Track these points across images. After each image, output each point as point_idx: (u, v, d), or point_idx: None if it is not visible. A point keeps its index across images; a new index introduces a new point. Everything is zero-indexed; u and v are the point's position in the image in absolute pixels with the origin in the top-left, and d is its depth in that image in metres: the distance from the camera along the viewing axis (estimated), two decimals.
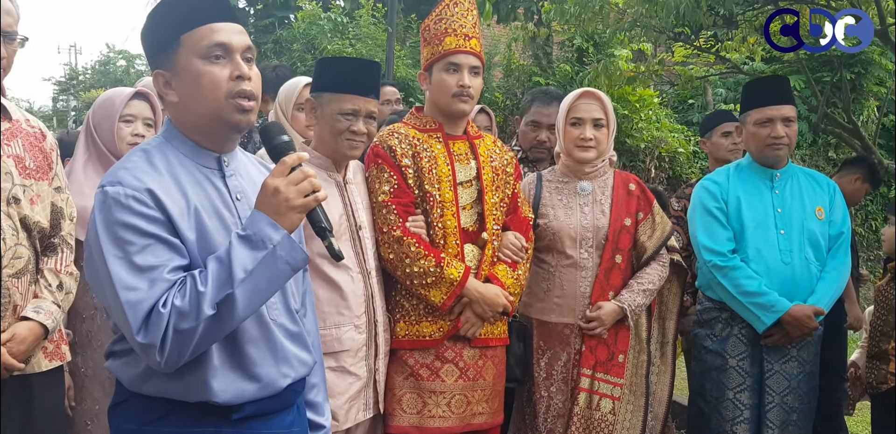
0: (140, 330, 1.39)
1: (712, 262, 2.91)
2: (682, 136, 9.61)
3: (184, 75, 1.54)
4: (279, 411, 1.62)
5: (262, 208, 1.47)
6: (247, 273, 1.42)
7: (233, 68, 1.53)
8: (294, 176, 1.47)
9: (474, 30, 2.60)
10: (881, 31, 5.00)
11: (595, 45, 10.02)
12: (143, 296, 1.40)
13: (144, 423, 1.52)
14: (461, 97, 2.54)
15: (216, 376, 1.50)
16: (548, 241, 2.81)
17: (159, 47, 1.57)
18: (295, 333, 1.64)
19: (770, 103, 2.97)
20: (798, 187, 3.03)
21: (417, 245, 2.43)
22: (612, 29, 5.95)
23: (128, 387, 1.55)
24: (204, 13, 1.54)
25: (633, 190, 2.89)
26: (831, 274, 2.94)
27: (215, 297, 1.40)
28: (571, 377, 2.77)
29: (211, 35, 1.53)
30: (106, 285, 1.43)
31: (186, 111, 1.57)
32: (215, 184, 1.58)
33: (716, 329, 2.98)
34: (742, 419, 2.87)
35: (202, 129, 1.58)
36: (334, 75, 2.38)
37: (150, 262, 1.43)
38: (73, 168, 2.56)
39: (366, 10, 9.82)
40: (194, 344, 1.41)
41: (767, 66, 9.52)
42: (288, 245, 1.46)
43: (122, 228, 1.43)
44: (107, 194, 1.46)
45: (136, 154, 1.56)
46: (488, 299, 2.48)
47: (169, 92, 1.57)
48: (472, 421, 2.53)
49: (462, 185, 2.58)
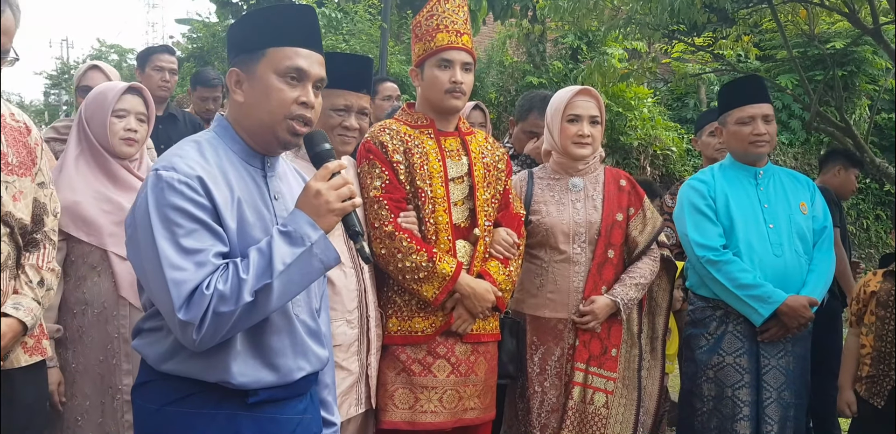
0: (182, 307, 1.47)
1: (706, 258, 2.92)
2: (675, 134, 9.62)
3: (257, 83, 1.64)
4: (293, 398, 1.69)
5: (303, 208, 1.57)
6: (285, 266, 1.50)
7: (302, 93, 1.64)
8: (335, 181, 1.58)
9: (465, 26, 2.60)
10: (874, 29, 5.02)
11: (588, 43, 10.03)
12: (189, 276, 1.48)
13: (166, 403, 1.59)
14: (453, 93, 2.54)
15: (237, 360, 1.58)
16: (540, 237, 2.82)
17: (244, 48, 1.66)
18: (314, 330, 1.73)
19: (750, 102, 3.02)
20: (780, 184, 3.08)
21: (409, 240, 2.43)
22: (607, 26, 5.95)
23: (152, 365, 1.61)
24: (297, 35, 1.65)
25: (623, 186, 2.91)
26: (820, 266, 2.98)
27: (255, 286, 1.48)
28: (565, 372, 2.78)
29: (295, 57, 1.64)
30: (151, 263, 1.51)
31: (247, 114, 1.66)
32: (257, 181, 1.68)
33: (710, 328, 2.99)
34: (742, 416, 2.88)
35: (254, 134, 1.67)
36: (326, 71, 2.37)
37: (195, 246, 1.51)
38: (64, 162, 2.54)
39: (360, 6, 9.80)
40: (229, 327, 1.49)
41: (761, 64, 9.55)
42: (324, 244, 1.55)
43: (173, 211, 1.51)
44: (160, 178, 1.54)
45: (188, 144, 1.65)
46: (479, 295, 2.49)
47: (238, 91, 1.66)
48: (463, 416, 2.53)
49: (453, 181, 2.58)
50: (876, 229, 10.58)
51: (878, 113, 9.33)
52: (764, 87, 3.17)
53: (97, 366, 2.42)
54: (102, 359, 2.41)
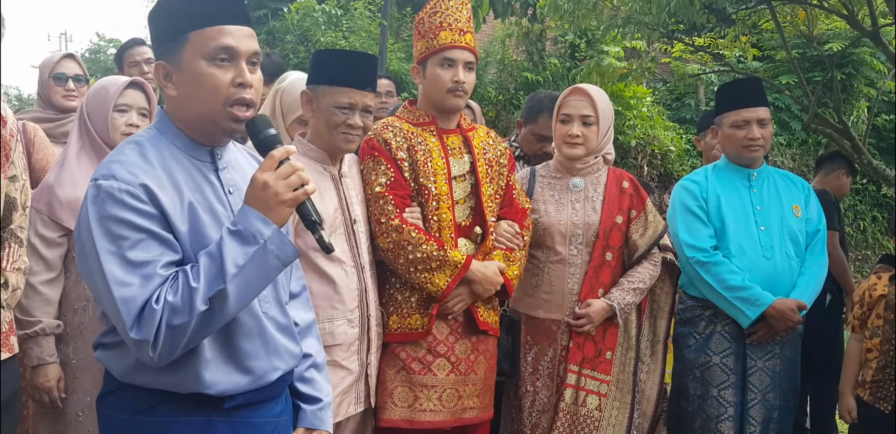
0: (133, 326, 1.40)
1: (695, 259, 2.92)
2: (674, 134, 9.64)
3: (186, 72, 1.53)
4: (268, 400, 1.64)
5: (252, 203, 1.47)
6: (238, 268, 1.42)
7: (236, 74, 1.52)
8: (283, 170, 1.47)
9: (469, 24, 2.60)
10: (873, 31, 5.02)
11: (587, 41, 10.03)
12: (136, 292, 1.40)
13: (136, 412, 1.53)
14: (456, 92, 2.54)
15: (209, 369, 1.51)
16: (538, 237, 2.81)
17: (166, 37, 1.55)
18: (285, 326, 1.66)
19: (745, 106, 3.00)
20: (774, 186, 3.07)
21: (417, 231, 2.43)
22: (606, 25, 5.95)
23: (118, 378, 1.55)
24: (217, 13, 1.52)
25: (626, 187, 2.89)
26: (811, 269, 2.98)
27: (207, 293, 1.40)
28: (557, 373, 2.78)
29: (220, 37, 1.51)
30: (98, 279, 1.43)
31: (183, 107, 1.56)
32: (208, 177, 1.58)
33: (699, 327, 2.99)
34: (726, 417, 2.89)
35: (195, 127, 1.58)
36: (331, 68, 2.36)
37: (142, 258, 1.42)
38: (66, 157, 2.54)
39: (361, 3, 9.79)
40: (186, 339, 1.42)
41: (760, 64, 9.56)
42: (278, 240, 1.46)
43: (116, 223, 1.43)
44: (100, 188, 1.45)
45: (128, 147, 1.55)
46: (489, 278, 2.50)
47: (169, 84, 1.56)
48: (462, 415, 2.54)
49: (456, 180, 2.58)
50: (872, 231, 10.62)
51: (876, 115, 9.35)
52: (762, 90, 3.15)
53: (97, 362, 2.37)
54: None
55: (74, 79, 3.18)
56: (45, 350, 2.35)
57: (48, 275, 2.39)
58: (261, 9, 11.40)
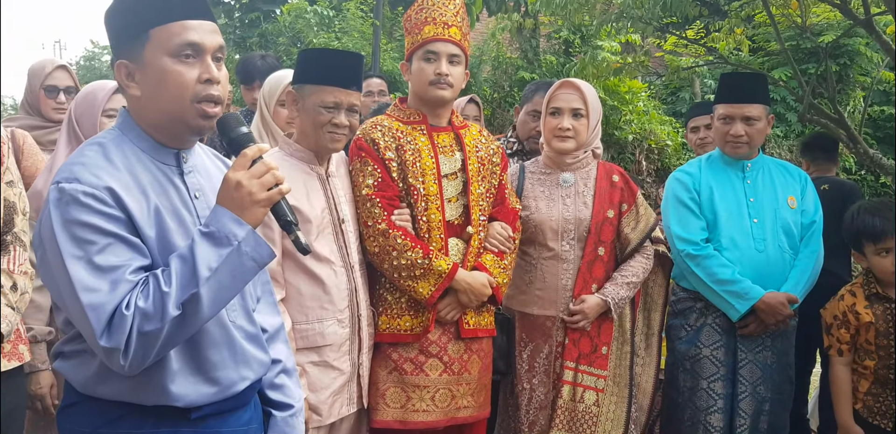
0: (103, 333, 1.34)
1: (685, 252, 2.91)
2: (670, 128, 9.62)
3: (149, 71, 1.47)
4: (237, 409, 1.60)
5: (225, 203, 1.42)
6: (211, 271, 1.37)
7: (202, 70, 1.48)
8: (256, 169, 1.43)
9: (455, 18, 2.58)
10: (865, 20, 5.01)
11: (582, 37, 10.01)
12: (105, 298, 1.35)
13: (99, 425, 1.47)
14: (438, 84, 2.52)
15: (175, 381, 1.46)
16: (529, 234, 2.80)
17: (126, 36, 1.49)
18: (253, 335, 1.62)
19: (734, 101, 2.97)
20: (769, 177, 3.04)
21: (404, 237, 2.41)
22: (599, 20, 5.93)
23: (79, 389, 1.49)
24: (179, 7, 1.47)
25: (616, 181, 2.88)
26: (804, 262, 2.95)
27: (180, 297, 1.35)
28: (553, 369, 2.77)
29: (183, 33, 1.46)
30: (64, 286, 1.37)
31: (148, 107, 1.51)
32: (174, 181, 1.53)
33: (690, 319, 2.98)
34: (716, 409, 2.88)
35: (161, 127, 1.52)
36: (316, 67, 2.35)
37: (111, 262, 1.37)
38: (54, 163, 2.53)
39: (352, 3, 9.78)
40: (159, 345, 1.37)
41: (754, 57, 9.54)
42: (253, 241, 1.42)
43: (81, 227, 1.37)
44: (63, 191, 1.38)
45: (90, 148, 1.48)
46: (476, 289, 2.48)
47: (131, 84, 1.50)
48: (456, 415, 2.52)
49: (447, 178, 2.56)
50: None
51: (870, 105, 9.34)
52: (761, 86, 3.08)
53: None
54: None
55: (66, 91, 3.11)
56: (38, 357, 2.34)
57: (38, 281, 2.37)
58: (253, 11, 11.40)
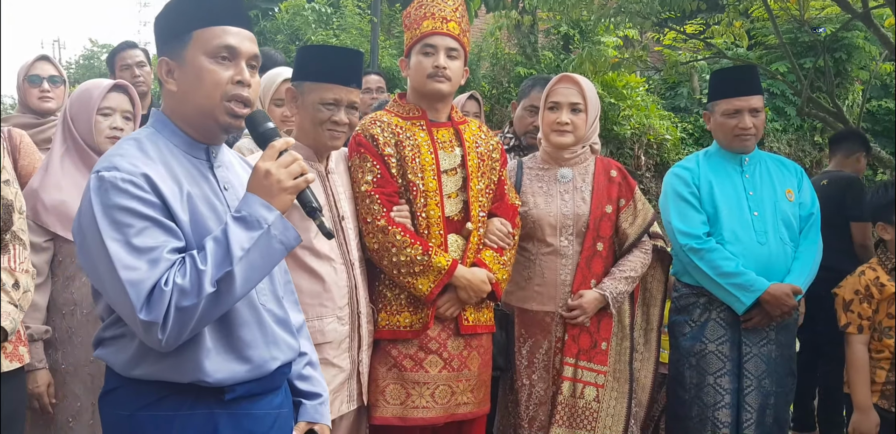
0: (143, 308, 1.43)
1: (688, 246, 2.90)
2: (669, 123, 9.61)
3: (188, 68, 1.60)
4: (268, 392, 1.67)
5: (255, 191, 1.53)
6: (244, 251, 1.47)
7: (236, 72, 1.60)
8: (284, 159, 1.54)
9: (454, 14, 2.57)
10: (864, 13, 5.00)
11: (581, 32, 9.99)
12: (145, 275, 1.44)
13: (138, 408, 1.55)
14: (436, 78, 2.51)
15: (209, 357, 1.54)
16: (528, 229, 2.79)
17: (171, 35, 1.62)
18: (282, 318, 1.70)
19: (738, 94, 2.97)
20: (767, 171, 3.05)
21: (403, 234, 2.41)
22: (597, 15, 5.92)
23: (119, 372, 1.57)
24: (222, 13, 1.61)
25: (614, 176, 2.87)
26: (806, 254, 2.96)
27: (215, 275, 1.45)
28: (553, 365, 2.76)
29: (223, 36, 1.60)
30: (104, 268, 1.46)
31: (182, 102, 1.63)
32: (205, 173, 1.65)
33: (693, 315, 2.97)
34: (723, 404, 2.87)
35: (193, 122, 1.64)
36: (315, 64, 2.34)
37: (148, 244, 1.47)
38: (50, 161, 2.52)
39: (350, 0, 9.76)
40: (195, 321, 1.45)
41: (752, 51, 9.54)
42: (281, 225, 1.52)
43: (120, 212, 1.47)
44: (103, 179, 1.49)
45: (127, 142, 1.60)
46: (475, 286, 2.47)
47: (170, 80, 1.63)
48: (456, 411, 2.51)
49: (447, 174, 2.55)
50: None
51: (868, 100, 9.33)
52: (756, 77, 3.10)
53: (87, 366, 2.41)
54: (92, 359, 2.39)
55: (49, 80, 3.13)
56: (35, 356, 2.33)
57: (35, 280, 2.37)
58: (251, 9, 11.38)
